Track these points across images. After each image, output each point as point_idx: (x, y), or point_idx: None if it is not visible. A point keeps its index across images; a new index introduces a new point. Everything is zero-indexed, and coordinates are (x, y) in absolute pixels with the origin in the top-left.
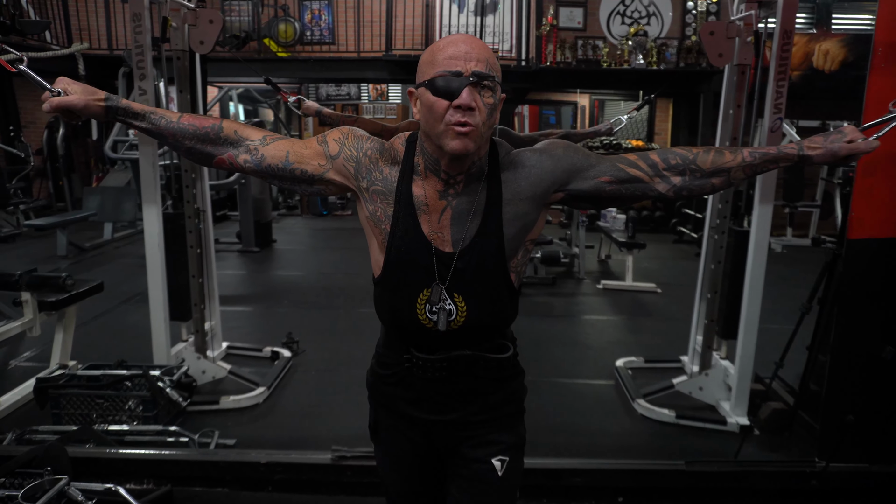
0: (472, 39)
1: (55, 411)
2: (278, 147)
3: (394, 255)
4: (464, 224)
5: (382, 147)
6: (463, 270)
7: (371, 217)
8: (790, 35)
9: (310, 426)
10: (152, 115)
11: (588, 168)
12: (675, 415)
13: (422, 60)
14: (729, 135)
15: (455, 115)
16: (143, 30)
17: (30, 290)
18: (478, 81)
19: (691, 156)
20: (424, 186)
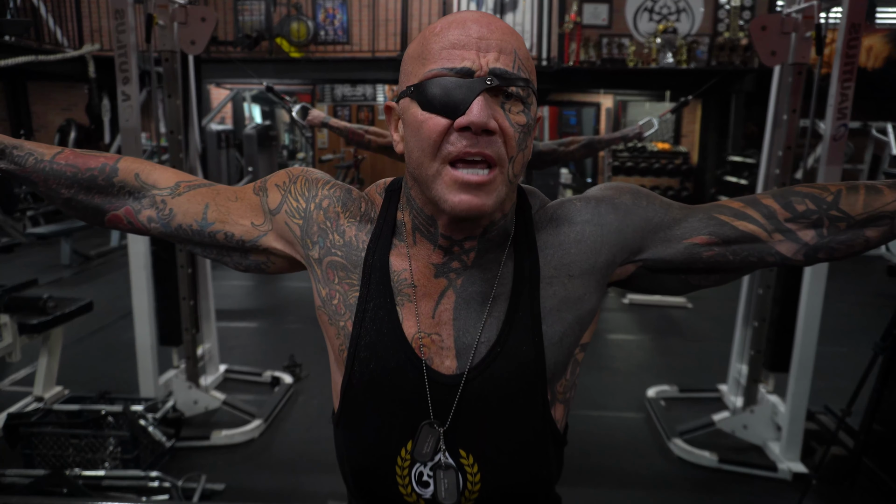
0: (487, 17)
1: (27, 451)
2: (194, 199)
3: (357, 375)
4: (476, 320)
5: (348, 196)
6: (475, 405)
7: (324, 307)
8: (858, 29)
9: (307, 469)
10: (15, 151)
11: (672, 224)
12: (718, 458)
13: (407, 54)
14: (782, 143)
15: (460, 142)
16: (127, 28)
17: (9, 312)
18: (501, 85)
19: (829, 197)
20: (411, 257)
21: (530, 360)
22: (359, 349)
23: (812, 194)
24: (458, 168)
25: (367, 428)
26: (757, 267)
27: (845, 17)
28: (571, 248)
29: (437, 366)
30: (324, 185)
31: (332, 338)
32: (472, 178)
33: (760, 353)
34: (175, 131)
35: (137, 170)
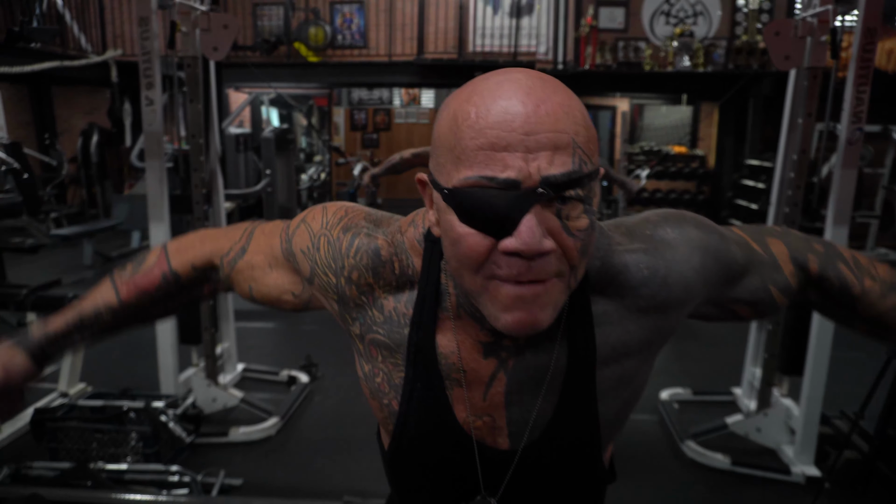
0: (535, 93)
1: (52, 445)
2: (237, 280)
3: (406, 447)
4: (529, 403)
5: (378, 261)
6: (528, 480)
7: (366, 381)
8: (874, 33)
9: (323, 466)
10: (87, 319)
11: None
12: (731, 461)
13: (439, 134)
14: (797, 146)
15: (509, 267)
16: (151, 34)
17: (35, 310)
18: (555, 193)
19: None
20: (457, 334)
21: (586, 440)
22: (407, 427)
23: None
24: (508, 284)
25: (418, 487)
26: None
27: (861, 21)
28: (631, 325)
29: (490, 443)
30: (348, 252)
31: (375, 408)
32: (525, 293)
33: (774, 357)
34: (196, 135)
35: (190, 261)
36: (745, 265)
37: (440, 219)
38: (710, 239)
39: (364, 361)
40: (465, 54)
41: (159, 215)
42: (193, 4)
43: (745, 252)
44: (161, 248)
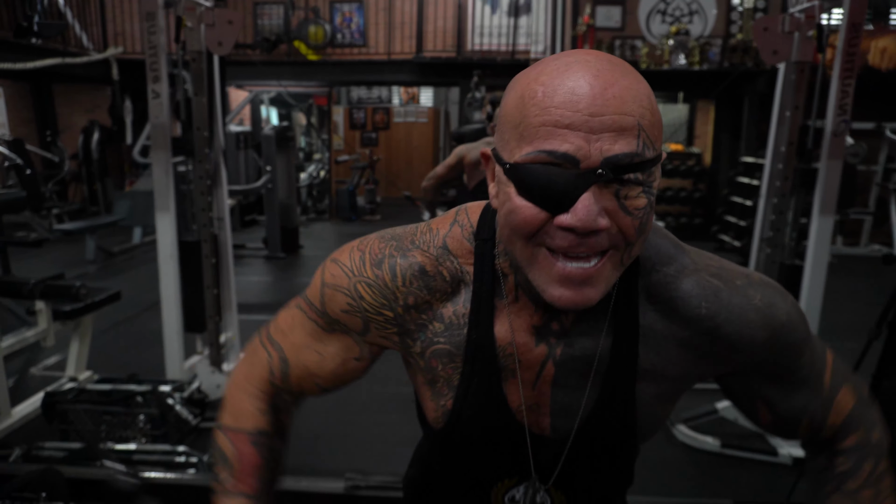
0: (603, 74)
1: (63, 427)
2: (305, 387)
3: (458, 430)
4: (573, 397)
5: (426, 275)
6: (571, 461)
7: (425, 382)
8: (859, 28)
9: (324, 448)
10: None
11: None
12: (721, 444)
13: (505, 111)
14: (785, 139)
15: (563, 240)
16: (157, 29)
17: (44, 298)
18: (615, 175)
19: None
20: (512, 321)
21: (624, 438)
22: (460, 419)
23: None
24: (559, 258)
25: (467, 464)
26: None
27: (846, 17)
28: (672, 351)
29: (535, 429)
30: (395, 282)
31: (426, 398)
32: (576, 272)
33: None
34: (201, 128)
35: (256, 413)
36: (802, 380)
37: (499, 191)
38: (792, 326)
39: (422, 374)
40: (464, 53)
41: (166, 206)
42: (199, 0)
43: (807, 372)
44: (222, 431)
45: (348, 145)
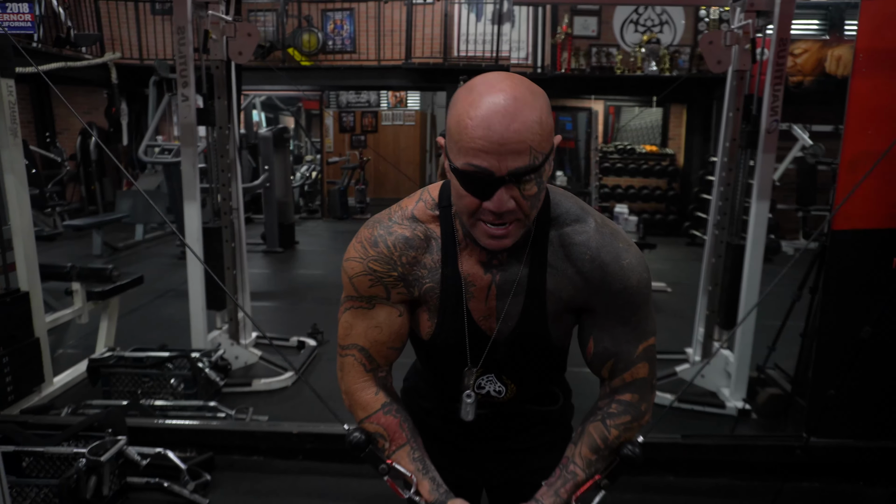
0: (510, 114)
1: (105, 388)
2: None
3: (441, 338)
4: (510, 304)
5: (409, 241)
6: (510, 355)
7: (423, 306)
8: (786, 42)
9: (335, 407)
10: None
11: (624, 331)
12: (676, 399)
13: (449, 121)
14: (730, 135)
15: (488, 215)
16: (186, 41)
17: (79, 280)
18: (515, 180)
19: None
20: (468, 262)
21: (542, 337)
22: (442, 327)
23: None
24: (487, 225)
25: (446, 362)
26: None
27: (776, 33)
28: (565, 281)
29: (488, 332)
30: (390, 251)
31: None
32: (496, 231)
33: (715, 313)
34: (223, 126)
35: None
36: (625, 333)
37: (451, 179)
38: (638, 290)
39: (423, 307)
40: (450, 59)
41: (192, 195)
42: (222, 16)
43: (633, 327)
44: (364, 423)
45: (338, 147)
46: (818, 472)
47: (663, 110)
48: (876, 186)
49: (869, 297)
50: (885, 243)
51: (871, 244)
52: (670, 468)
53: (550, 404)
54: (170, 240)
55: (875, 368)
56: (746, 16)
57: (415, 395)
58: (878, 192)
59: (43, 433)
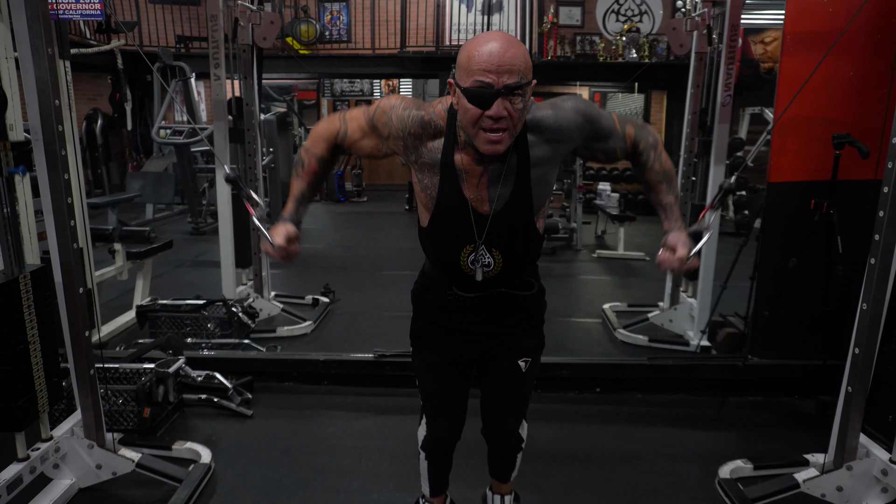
0: (505, 47)
1: (152, 331)
2: (351, 147)
3: (439, 215)
4: (498, 186)
5: (423, 121)
6: (499, 229)
7: (419, 183)
8: (736, 28)
9: (351, 348)
10: (300, 198)
11: (599, 140)
12: (648, 339)
13: (460, 59)
14: (692, 108)
15: (487, 122)
16: (219, 27)
17: (122, 241)
18: (508, 93)
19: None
20: (465, 156)
21: (526, 204)
22: (440, 204)
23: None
24: (487, 132)
25: (445, 238)
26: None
27: (728, 20)
28: (545, 146)
29: (480, 210)
30: (407, 117)
31: (421, 198)
32: (493, 136)
33: None
34: (250, 103)
35: (324, 147)
36: (608, 133)
37: (458, 101)
38: (590, 111)
39: (419, 174)
40: (443, 48)
41: (224, 163)
42: (248, 5)
43: (609, 126)
44: (304, 149)
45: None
46: (760, 388)
47: (645, 96)
48: (801, 147)
49: (796, 236)
50: (807, 192)
51: (797, 192)
52: (638, 386)
53: (527, 290)
54: (179, 218)
55: (803, 298)
56: (704, 4)
57: (422, 292)
58: (802, 151)
59: (113, 356)
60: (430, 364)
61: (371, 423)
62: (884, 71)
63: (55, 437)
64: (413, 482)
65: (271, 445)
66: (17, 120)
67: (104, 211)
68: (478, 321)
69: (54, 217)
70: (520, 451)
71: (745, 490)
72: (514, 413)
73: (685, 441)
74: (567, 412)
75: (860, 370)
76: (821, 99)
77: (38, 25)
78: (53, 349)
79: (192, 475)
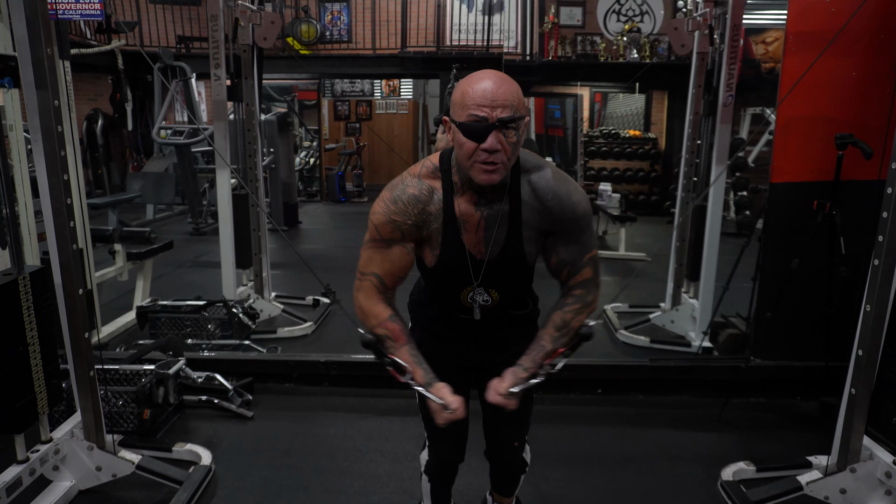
0: (497, 84)
1: (152, 331)
2: (390, 280)
3: (443, 263)
4: (493, 233)
5: (416, 198)
6: (495, 272)
7: (428, 243)
8: (738, 28)
9: (352, 349)
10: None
11: (570, 245)
12: (650, 340)
13: (454, 97)
14: (694, 108)
15: (482, 154)
16: (219, 27)
17: (122, 242)
18: (502, 126)
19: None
20: (462, 203)
21: (519, 253)
22: (444, 256)
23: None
24: (482, 164)
25: (447, 282)
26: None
27: (730, 20)
28: (535, 213)
29: (477, 255)
30: (406, 206)
31: (426, 252)
32: (488, 167)
33: (682, 266)
34: (250, 103)
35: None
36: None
37: (454, 137)
38: (585, 217)
39: (426, 241)
40: (443, 48)
41: (224, 164)
42: (248, 5)
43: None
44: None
45: (333, 135)
46: (762, 389)
47: (646, 97)
48: (804, 147)
49: (799, 237)
50: (809, 192)
51: (800, 193)
52: (639, 388)
53: (522, 308)
54: (180, 219)
55: (805, 299)
56: (705, 4)
57: (420, 306)
58: (804, 151)
59: (113, 357)
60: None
61: (372, 425)
62: (886, 71)
63: (55, 438)
64: (414, 484)
65: (272, 447)
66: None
67: (104, 211)
68: (475, 336)
69: (54, 218)
70: (523, 473)
71: (748, 492)
72: (517, 426)
73: (687, 442)
74: (568, 413)
75: (864, 372)
76: (823, 99)
77: (37, 25)
78: (53, 350)
79: (193, 477)
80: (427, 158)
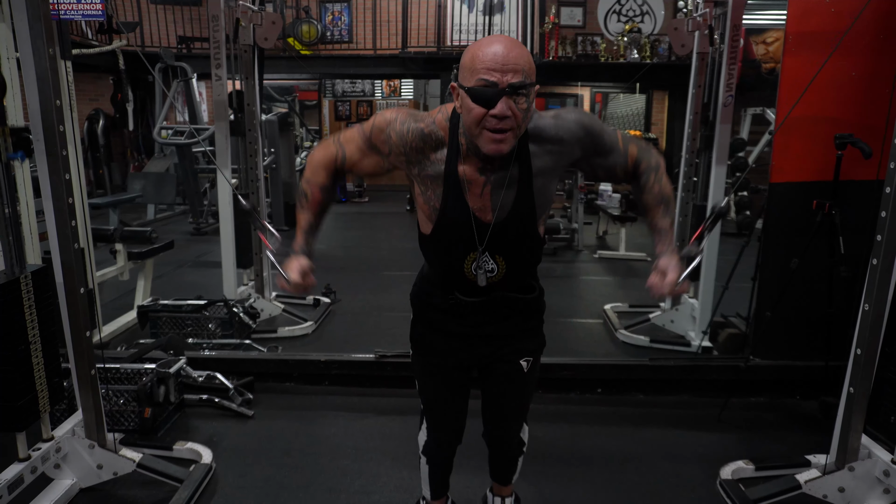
0: (509, 48)
1: (153, 331)
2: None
3: (443, 225)
4: (500, 195)
5: (423, 133)
6: (503, 237)
7: (422, 194)
8: (738, 28)
9: (352, 349)
10: (308, 229)
11: (602, 155)
12: (650, 339)
13: (463, 61)
14: (694, 109)
15: (491, 121)
16: (220, 28)
17: (123, 241)
18: (513, 92)
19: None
20: (467, 165)
21: (529, 213)
22: (444, 216)
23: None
24: (491, 131)
25: (448, 247)
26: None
27: (729, 20)
28: (546, 157)
29: (483, 219)
30: (407, 131)
31: (424, 209)
32: (497, 136)
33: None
34: (251, 104)
35: (324, 175)
36: (608, 148)
37: (462, 102)
38: (593, 124)
39: (421, 187)
40: (444, 48)
41: (225, 163)
42: (249, 5)
43: (611, 142)
44: (305, 180)
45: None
46: (762, 389)
47: (646, 97)
48: (803, 147)
49: (798, 237)
50: (809, 192)
51: (800, 193)
52: (639, 387)
53: (529, 292)
54: (180, 219)
55: (805, 299)
56: (705, 4)
57: (422, 296)
58: (805, 151)
59: (114, 356)
60: (431, 367)
61: (372, 424)
62: (886, 71)
63: (56, 437)
64: (414, 483)
65: (272, 446)
66: (17, 107)
67: (106, 211)
68: (478, 324)
69: (55, 217)
70: (521, 454)
71: (747, 491)
72: (516, 416)
73: (686, 442)
74: (568, 413)
75: (862, 371)
76: (823, 99)
77: (39, 26)
78: (54, 349)
79: (193, 475)
80: (444, 106)
